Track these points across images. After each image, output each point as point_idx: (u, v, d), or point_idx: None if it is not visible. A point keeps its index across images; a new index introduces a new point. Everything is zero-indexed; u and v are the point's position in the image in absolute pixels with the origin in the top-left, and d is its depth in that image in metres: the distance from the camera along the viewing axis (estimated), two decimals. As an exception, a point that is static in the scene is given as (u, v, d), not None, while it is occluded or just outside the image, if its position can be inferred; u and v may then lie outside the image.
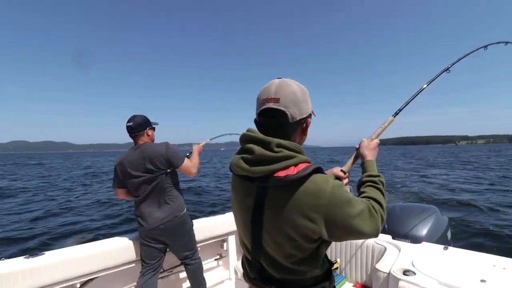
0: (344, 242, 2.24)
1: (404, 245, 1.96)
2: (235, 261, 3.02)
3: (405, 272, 1.48)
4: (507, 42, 1.78)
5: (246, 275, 1.00)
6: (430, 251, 1.84)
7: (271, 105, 0.84)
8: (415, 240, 2.19)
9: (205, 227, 2.72)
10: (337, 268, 2.27)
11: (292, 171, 0.78)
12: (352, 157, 1.25)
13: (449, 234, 2.64)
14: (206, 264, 2.81)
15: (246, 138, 0.87)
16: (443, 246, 1.91)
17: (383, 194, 0.96)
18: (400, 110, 1.36)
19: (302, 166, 0.80)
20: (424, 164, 27.92)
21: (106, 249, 2.08)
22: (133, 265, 2.25)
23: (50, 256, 1.86)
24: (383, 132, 1.31)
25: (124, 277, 2.28)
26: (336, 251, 2.31)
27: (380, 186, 0.99)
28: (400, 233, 2.33)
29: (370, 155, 1.15)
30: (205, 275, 2.65)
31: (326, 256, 0.96)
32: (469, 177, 15.45)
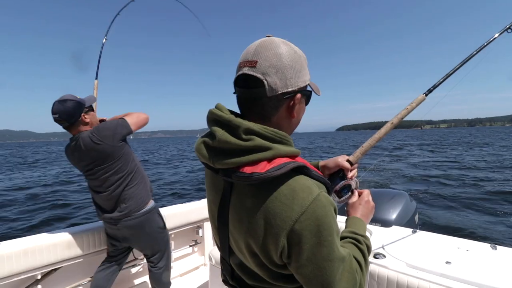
0: None
1: (375, 229, 1.99)
2: (210, 247, 3.01)
3: (376, 256, 1.49)
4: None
5: (222, 274, 0.88)
6: (400, 234, 1.90)
7: (246, 70, 0.65)
8: (386, 224, 2.20)
9: (179, 214, 2.68)
10: None
11: (263, 167, 0.60)
12: (363, 145, 1.05)
13: (416, 218, 2.71)
14: (181, 250, 2.87)
15: (210, 118, 0.68)
16: (412, 229, 1.97)
17: (365, 259, 0.76)
18: (434, 87, 1.16)
19: (278, 161, 0.62)
20: (391, 147, 27.86)
21: (69, 238, 1.98)
22: (100, 255, 2.15)
23: (7, 246, 1.78)
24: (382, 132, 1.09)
25: (90, 267, 2.16)
26: None
27: (364, 248, 0.77)
28: (372, 218, 1.79)
29: (361, 213, 0.91)
30: (181, 261, 2.82)
31: None
32: (433, 159, 16.40)
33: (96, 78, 2.34)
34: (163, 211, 2.58)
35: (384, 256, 1.50)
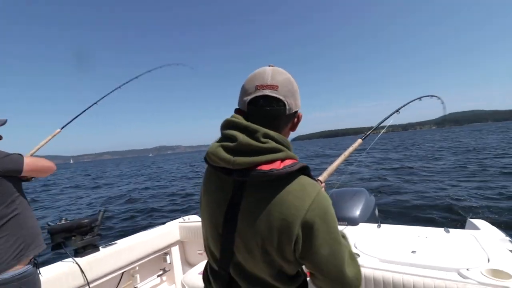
0: None
1: (345, 229, 2.03)
2: (180, 274, 2.90)
3: None
4: (432, 96, 2.18)
5: None
6: (367, 231, 1.97)
7: (267, 92, 0.73)
8: (352, 222, 2.26)
9: (143, 243, 2.53)
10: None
11: (278, 165, 0.69)
12: (332, 166, 1.34)
13: (376, 212, 2.86)
14: (149, 282, 2.69)
15: (229, 124, 0.75)
16: (376, 224, 2.07)
17: (355, 257, 0.86)
18: (366, 135, 1.78)
19: (289, 162, 0.71)
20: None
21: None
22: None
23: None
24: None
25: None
26: None
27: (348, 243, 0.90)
28: (339, 218, 2.33)
29: None
30: None
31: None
32: (379, 160, 17.98)
33: (61, 128, 2.27)
34: (123, 242, 2.45)
35: (359, 255, 1.55)
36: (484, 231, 1.85)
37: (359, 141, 1.63)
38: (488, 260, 1.41)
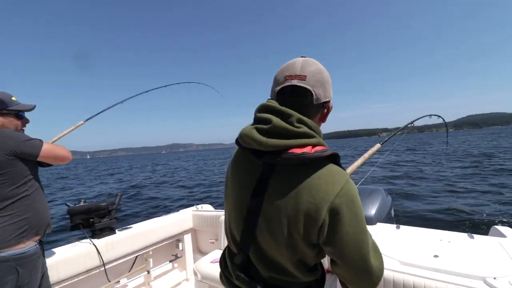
0: None
1: None
2: (191, 261, 2.94)
3: None
4: (431, 115, 2.53)
5: (223, 275, 0.88)
6: (386, 231, 1.91)
7: (295, 82, 0.75)
8: (368, 221, 2.20)
9: (157, 228, 2.60)
10: None
11: (310, 150, 0.69)
12: (352, 166, 1.41)
13: (392, 212, 2.78)
14: (161, 267, 2.76)
15: (264, 108, 0.76)
16: (395, 225, 2.01)
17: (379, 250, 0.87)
18: (385, 141, 2.02)
19: (320, 148, 0.72)
20: (358, 151, 31.13)
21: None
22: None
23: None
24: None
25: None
26: None
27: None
28: None
29: None
30: (160, 279, 2.70)
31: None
32: (396, 162, 17.64)
33: (85, 121, 2.43)
34: (139, 226, 2.50)
35: None
36: (511, 239, 1.76)
37: (378, 145, 1.69)
38: None
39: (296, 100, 0.75)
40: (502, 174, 10.50)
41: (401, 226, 1.99)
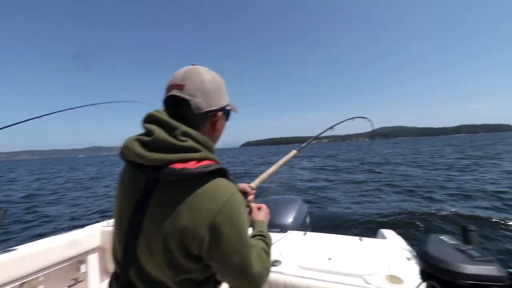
0: None
1: (274, 236, 1.99)
2: (96, 285, 2.32)
3: (273, 263, 1.55)
4: (363, 117, 2.39)
5: None
6: (294, 238, 2.00)
7: (175, 92, 0.74)
8: (284, 229, 2.34)
9: (51, 249, 1.96)
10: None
11: (193, 165, 0.67)
12: (265, 173, 1.40)
13: (307, 220, 2.99)
14: None
15: (149, 118, 0.73)
16: (303, 232, 2.12)
17: (269, 250, 0.91)
18: (303, 147, 1.76)
19: (206, 163, 0.70)
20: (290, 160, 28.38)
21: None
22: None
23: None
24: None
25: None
26: None
27: (269, 241, 0.94)
28: (272, 224, 2.51)
29: (263, 217, 1.11)
30: None
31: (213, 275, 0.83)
32: (318, 168, 18.43)
33: None
34: (26, 248, 1.86)
35: (281, 262, 1.57)
36: (390, 240, 1.99)
37: (294, 151, 1.58)
38: (389, 267, 1.51)
39: (176, 111, 0.74)
40: (406, 179, 11.34)
41: (308, 233, 2.10)
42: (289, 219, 2.64)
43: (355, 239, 1.96)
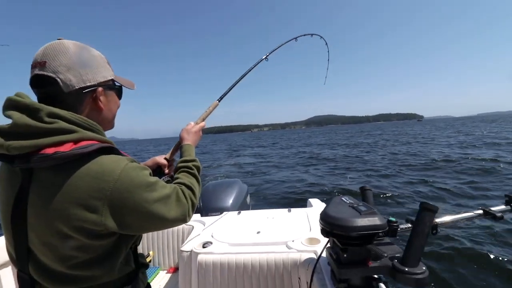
0: (154, 232, 2.15)
1: (209, 219, 2.08)
2: None
3: (204, 245, 1.55)
4: (312, 34, 1.99)
5: None
6: (228, 218, 2.03)
7: (36, 71, 0.67)
8: (223, 211, 2.34)
9: None
10: (150, 261, 2.18)
11: (67, 148, 0.62)
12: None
13: (248, 199, 3.01)
14: None
15: (8, 104, 0.65)
16: (237, 211, 2.19)
17: (197, 179, 0.92)
18: (224, 95, 1.39)
19: (85, 143, 0.65)
20: (232, 147, 33.11)
21: None
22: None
23: None
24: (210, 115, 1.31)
25: None
26: (148, 243, 2.23)
27: (195, 171, 0.95)
28: (212, 208, 2.50)
29: (189, 139, 1.10)
30: None
31: (134, 254, 0.83)
32: (262, 153, 20.46)
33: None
34: None
35: (211, 243, 1.57)
36: (315, 208, 2.13)
37: (215, 102, 1.35)
38: (310, 230, 1.61)
39: (44, 92, 0.68)
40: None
41: (243, 211, 2.18)
42: (229, 201, 2.62)
43: (284, 211, 2.07)
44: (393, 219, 0.94)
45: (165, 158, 1.18)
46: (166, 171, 1.18)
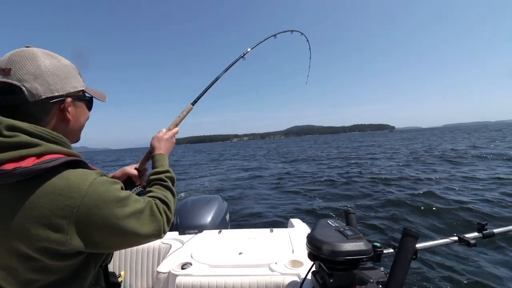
0: (127, 249, 1.96)
1: (187, 238, 1.99)
2: None
3: (183, 266, 1.49)
4: (292, 31, 1.92)
5: None
6: (208, 237, 1.94)
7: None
8: (201, 229, 2.26)
9: None
10: (121, 282, 1.93)
11: (29, 163, 0.58)
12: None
13: (227, 217, 2.90)
14: None
15: None
16: (218, 230, 2.08)
17: (171, 191, 0.88)
18: (198, 98, 1.31)
19: (49, 157, 0.61)
20: (214, 157, 31.39)
21: None
22: None
23: None
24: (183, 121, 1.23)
25: None
26: (120, 263, 2.03)
27: (168, 183, 0.90)
28: (190, 226, 2.43)
29: (161, 147, 1.03)
30: None
31: (105, 272, 0.80)
32: (238, 166, 18.65)
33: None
34: None
35: (191, 264, 1.51)
36: (297, 228, 2.08)
37: (189, 106, 1.27)
38: (292, 252, 1.57)
39: (6, 101, 0.64)
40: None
41: (223, 230, 2.09)
42: (208, 219, 2.54)
43: (266, 231, 2.00)
44: (378, 244, 0.95)
45: (136, 168, 1.12)
46: (138, 182, 1.12)
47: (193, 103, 1.29)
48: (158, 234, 0.74)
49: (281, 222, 5.38)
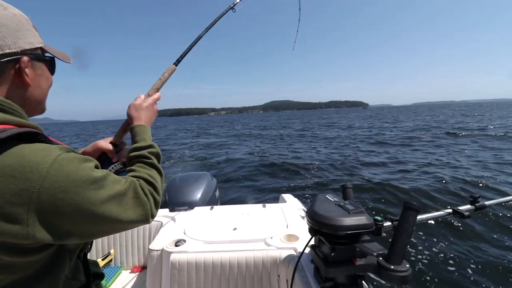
0: None
1: (179, 215, 1.95)
2: None
3: (177, 243, 1.47)
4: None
5: None
6: (200, 214, 1.92)
7: None
8: (191, 206, 2.25)
9: None
10: (111, 260, 1.99)
11: None
12: (124, 123, 0.95)
13: (217, 193, 2.93)
14: None
15: None
16: (210, 206, 2.05)
17: (157, 169, 0.76)
18: (182, 57, 1.12)
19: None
20: (194, 132, 31.04)
21: None
22: None
23: None
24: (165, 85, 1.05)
25: None
26: (109, 241, 2.01)
27: (153, 160, 0.77)
28: (180, 203, 2.42)
29: (141, 117, 0.87)
30: None
31: (84, 263, 0.71)
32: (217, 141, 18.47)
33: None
34: None
35: (185, 241, 1.49)
36: (289, 203, 2.10)
37: (172, 66, 1.07)
38: (287, 227, 1.60)
39: None
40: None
41: (215, 206, 2.06)
42: (198, 195, 2.53)
43: (259, 206, 2.02)
44: (379, 218, 0.96)
45: (111, 142, 0.94)
46: (115, 159, 0.94)
47: (176, 63, 1.09)
48: (145, 219, 0.65)
49: (273, 198, 5.38)
